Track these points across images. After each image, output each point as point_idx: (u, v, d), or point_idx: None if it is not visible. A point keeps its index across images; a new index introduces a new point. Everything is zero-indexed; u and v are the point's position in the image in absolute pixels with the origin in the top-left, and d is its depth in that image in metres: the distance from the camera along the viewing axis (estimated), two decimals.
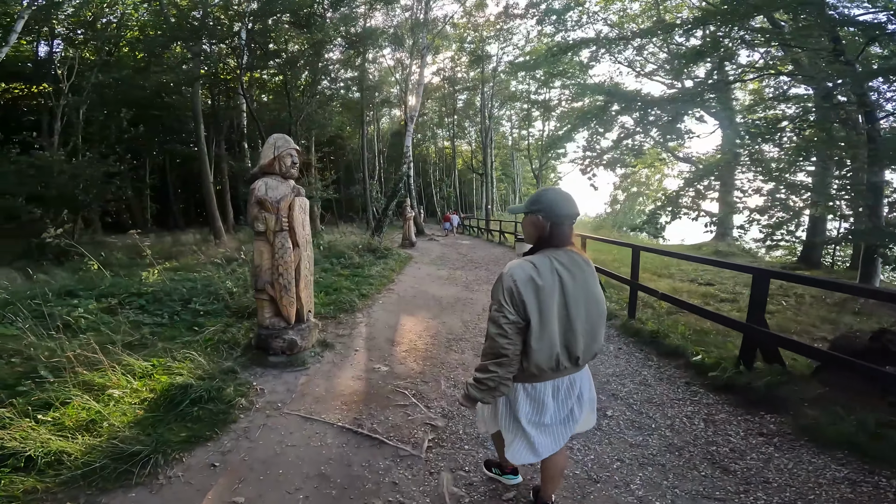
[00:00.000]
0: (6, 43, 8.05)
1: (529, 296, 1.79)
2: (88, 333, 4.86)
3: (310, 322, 4.74)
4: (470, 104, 34.77)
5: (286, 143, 4.48)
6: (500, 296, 1.84)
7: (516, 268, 1.85)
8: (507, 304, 1.81)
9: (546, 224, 1.90)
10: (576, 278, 1.87)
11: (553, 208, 1.90)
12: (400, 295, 7.98)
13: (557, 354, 1.86)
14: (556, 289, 1.82)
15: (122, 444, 2.72)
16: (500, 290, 1.85)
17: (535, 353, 1.83)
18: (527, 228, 2.00)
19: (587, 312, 1.90)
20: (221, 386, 3.64)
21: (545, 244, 1.92)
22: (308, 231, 4.69)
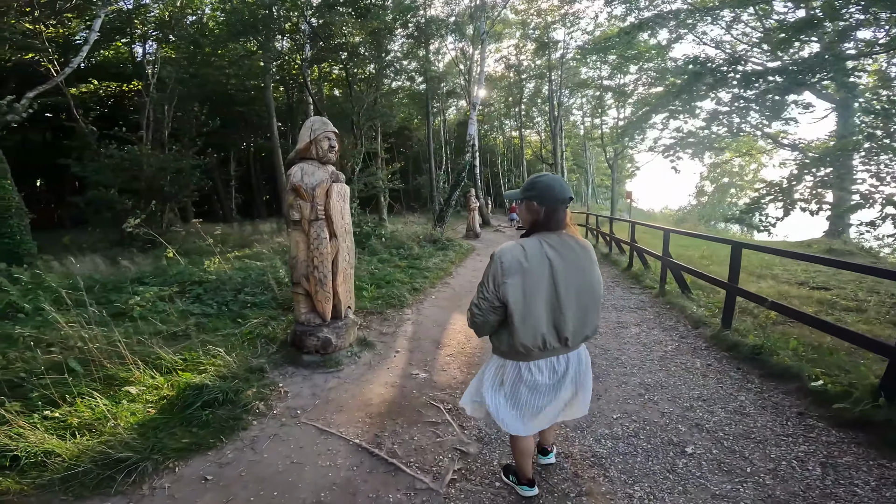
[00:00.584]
0: (87, 42, 8.68)
1: (513, 278, 1.87)
2: (139, 322, 4.94)
3: (348, 319, 4.40)
4: (537, 92, 33.26)
5: (323, 126, 4.12)
6: (486, 275, 1.95)
7: (506, 251, 1.92)
8: (487, 283, 1.93)
9: (541, 209, 1.95)
10: (566, 260, 1.91)
11: (547, 193, 1.94)
12: (455, 290, 7.49)
13: (543, 335, 1.93)
14: (544, 271, 1.88)
15: (111, 448, 2.52)
16: (488, 269, 1.95)
17: (518, 332, 1.92)
18: (522, 213, 2.04)
19: (578, 294, 1.93)
20: (240, 388, 3.39)
21: (539, 228, 1.97)
22: (348, 220, 4.32)
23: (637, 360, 4.35)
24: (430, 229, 14.27)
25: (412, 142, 30.37)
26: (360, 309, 5.70)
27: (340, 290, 4.26)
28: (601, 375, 3.98)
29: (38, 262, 8.03)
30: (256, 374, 3.77)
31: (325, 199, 4.06)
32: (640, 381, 3.86)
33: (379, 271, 8.24)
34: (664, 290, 6.81)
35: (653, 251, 8.23)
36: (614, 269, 9.43)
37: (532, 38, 27.21)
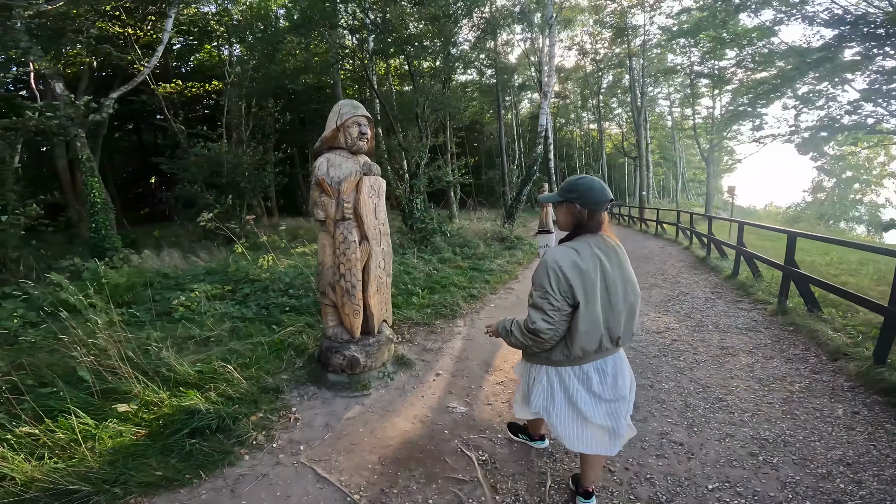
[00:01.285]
0: (161, 41, 9.06)
1: (576, 280, 1.82)
2: (177, 324, 4.77)
3: (381, 336, 3.79)
4: (617, 82, 30.73)
5: (352, 110, 3.54)
6: (546, 282, 1.84)
7: (559, 253, 1.86)
8: (553, 290, 1.83)
9: (584, 211, 1.91)
10: (612, 262, 1.91)
11: (589, 195, 1.90)
12: (519, 297, 6.65)
13: (601, 336, 1.90)
14: (597, 272, 1.86)
15: (68, 477, 2.18)
16: (544, 275, 1.85)
17: (581, 335, 1.87)
18: (562, 216, 2.00)
19: (624, 294, 1.93)
20: (240, 413, 2.93)
21: (582, 230, 1.94)
22: (383, 220, 3.72)
23: (749, 403, 3.29)
24: (499, 226, 13.45)
25: (484, 136, 29.58)
26: (406, 319, 5.11)
27: (373, 303, 3.67)
28: (695, 423, 3.02)
29: (118, 255, 8.50)
30: (269, 395, 3.31)
31: (354, 195, 3.49)
32: (753, 434, 2.86)
33: (437, 273, 7.65)
34: (784, 306, 5.43)
35: (765, 256, 6.76)
36: (714, 276, 7.98)
37: (607, 25, 25.06)
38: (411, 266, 7.84)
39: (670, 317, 5.53)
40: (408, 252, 9.32)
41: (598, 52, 27.79)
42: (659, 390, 3.54)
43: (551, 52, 14.70)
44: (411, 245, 10.69)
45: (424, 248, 10.12)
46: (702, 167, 32.61)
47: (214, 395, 3.13)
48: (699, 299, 6.35)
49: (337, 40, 11.89)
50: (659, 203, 34.08)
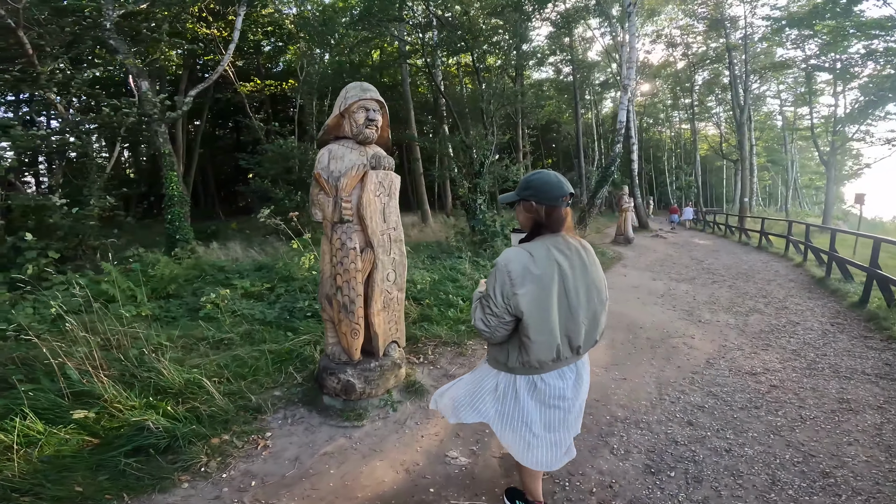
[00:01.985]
0: (232, 40, 9.35)
1: (525, 287, 1.68)
2: (200, 322, 4.61)
3: (387, 360, 3.22)
4: (715, 79, 27.50)
5: (360, 93, 3.02)
6: (491, 287, 1.74)
7: (512, 258, 1.72)
8: (494, 294, 1.72)
9: (540, 208, 1.77)
10: (574, 264, 1.77)
11: (545, 190, 1.76)
12: None
13: (558, 346, 1.77)
14: (554, 277, 1.72)
15: None
16: (492, 279, 1.74)
17: (535, 345, 1.75)
18: (521, 216, 1.87)
19: (587, 299, 1.80)
20: (197, 435, 2.58)
21: (541, 230, 1.79)
22: (394, 223, 3.16)
23: (867, 482, 2.34)
24: None
25: (561, 136, 28.10)
26: (433, 336, 4.51)
27: (377, 321, 3.12)
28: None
29: (187, 246, 8.89)
30: (247, 415, 2.91)
31: (357, 192, 2.96)
32: None
33: None
34: None
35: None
36: (834, 302, 6.42)
37: (699, 17, 22.37)
38: (460, 272, 7.24)
39: (771, 354, 4.38)
40: (463, 256, 8.73)
41: (689, 46, 25.11)
42: (738, 457, 2.65)
43: (631, 44, 13.31)
44: (468, 248, 10.10)
45: (483, 253, 9.47)
46: (819, 172, 28.24)
47: (183, 409, 2.78)
48: (813, 332, 5.05)
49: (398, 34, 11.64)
50: (764, 211, 30.11)
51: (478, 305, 1.81)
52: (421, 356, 4.08)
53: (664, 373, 3.98)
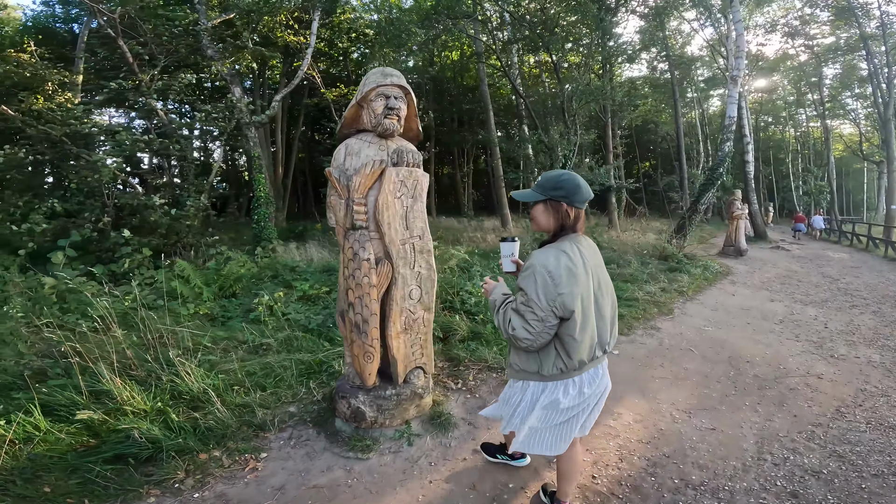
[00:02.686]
0: (309, 44, 9.62)
1: (570, 287, 1.66)
2: (243, 325, 4.58)
3: (405, 389, 2.79)
4: (850, 73, 23.05)
5: (380, 79, 2.63)
6: (531, 288, 1.68)
7: (549, 258, 1.69)
8: (538, 298, 1.67)
9: (570, 210, 1.79)
10: (595, 264, 1.81)
11: (577, 193, 1.77)
12: (663, 343, 4.83)
13: (595, 345, 1.80)
14: (588, 276, 1.74)
15: None
16: (531, 283, 1.69)
17: (579, 345, 1.74)
18: (543, 216, 1.83)
19: (607, 295, 1.84)
20: (185, 448, 2.45)
21: (567, 231, 1.81)
22: (419, 230, 2.72)
23: None
24: (665, 241, 10.95)
25: (659, 137, 25.60)
26: (478, 360, 3.99)
27: (396, 344, 2.71)
28: None
29: (269, 246, 9.33)
30: (248, 431, 2.70)
31: (375, 194, 2.58)
32: None
33: None
34: None
35: None
36: None
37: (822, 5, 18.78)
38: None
39: None
40: None
41: (812, 36, 21.38)
42: None
43: (738, 30, 11.50)
44: None
45: None
46: None
47: (185, 418, 2.64)
48: None
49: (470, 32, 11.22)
50: None
51: (513, 314, 1.73)
52: (459, 381, 3.59)
53: (771, 423, 3.08)
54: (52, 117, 7.35)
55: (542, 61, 13.65)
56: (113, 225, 7.33)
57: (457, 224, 18.00)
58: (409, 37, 10.65)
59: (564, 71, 11.21)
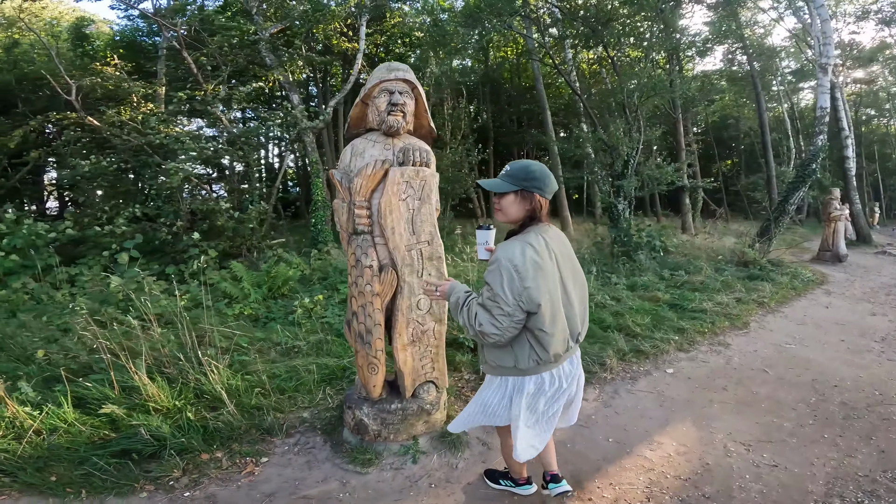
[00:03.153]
0: (359, 49, 9.75)
1: (535, 279, 1.64)
2: (281, 326, 4.67)
3: (412, 403, 2.64)
4: None
5: (382, 73, 2.51)
6: (497, 283, 1.65)
7: (515, 252, 1.65)
8: (504, 293, 1.63)
9: (542, 200, 1.78)
10: (563, 253, 1.81)
11: (549, 183, 1.77)
12: (731, 361, 4.23)
13: (567, 336, 1.79)
14: (555, 267, 1.74)
15: None
16: (497, 278, 1.65)
17: (551, 338, 1.71)
18: (514, 206, 1.78)
19: (577, 285, 1.84)
20: (189, 448, 2.49)
21: (536, 222, 1.78)
22: (428, 235, 2.54)
23: None
24: (745, 245, 9.81)
25: (741, 134, 23.24)
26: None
27: (404, 357, 2.56)
28: None
29: (325, 248, 9.62)
30: (255, 434, 2.69)
31: (379, 196, 2.45)
32: None
33: (614, 304, 5.77)
34: None
35: None
36: None
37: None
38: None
39: None
40: (594, 270, 7.58)
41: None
42: None
43: (821, 15, 10.06)
44: (604, 261, 8.79)
45: (619, 267, 8.11)
46: None
47: (196, 417, 2.71)
48: None
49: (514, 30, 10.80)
50: None
51: (479, 309, 1.69)
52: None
53: (851, 460, 2.56)
54: (133, 128, 8.10)
55: (601, 57, 12.95)
56: (187, 228, 7.90)
57: None
58: (453, 37, 10.52)
59: (623, 66, 10.48)
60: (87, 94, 9.29)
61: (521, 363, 1.77)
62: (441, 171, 12.56)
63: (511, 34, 11.54)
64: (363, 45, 9.90)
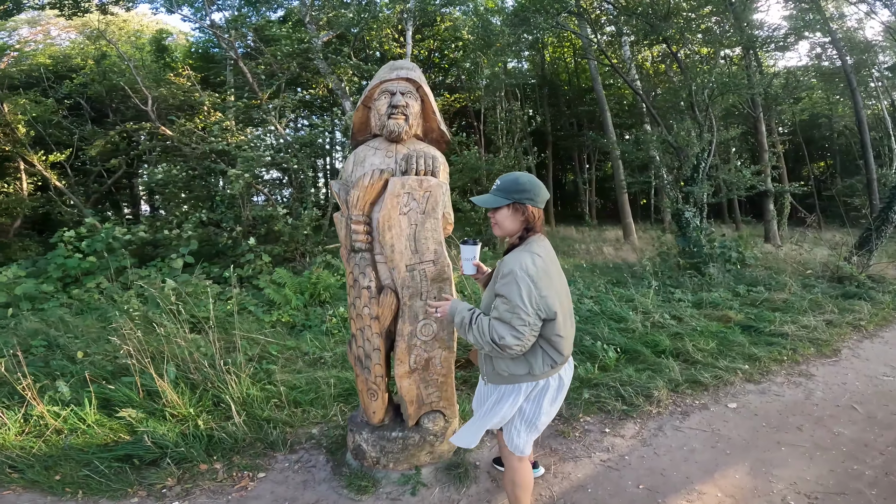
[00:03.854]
0: (405, 55, 9.68)
1: (550, 289, 1.72)
2: (312, 335, 4.65)
3: (414, 433, 2.42)
4: None
5: (384, 73, 2.36)
6: (515, 294, 1.68)
7: (527, 262, 1.72)
8: (524, 304, 1.67)
9: (535, 211, 1.84)
10: (554, 259, 1.89)
11: (540, 193, 1.82)
12: (812, 395, 3.56)
13: (573, 335, 1.89)
14: (559, 273, 1.84)
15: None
16: (515, 289, 1.68)
17: (565, 341, 1.80)
18: (509, 220, 1.84)
19: (565, 288, 1.90)
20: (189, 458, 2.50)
21: (531, 232, 1.86)
22: (433, 253, 2.29)
23: None
24: (840, 257, 8.53)
25: (834, 132, 20.53)
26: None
27: (405, 384, 2.36)
28: None
29: None
30: (258, 448, 2.64)
31: (380, 209, 2.26)
32: None
33: (674, 324, 5.17)
34: None
35: None
36: None
37: None
38: (634, 306, 5.64)
39: None
40: (657, 283, 6.97)
41: None
42: None
43: None
44: (669, 273, 8.07)
45: (684, 281, 7.39)
46: None
47: (208, 426, 2.71)
48: None
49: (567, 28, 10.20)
50: None
51: (496, 324, 1.70)
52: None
53: None
54: (198, 136, 8.66)
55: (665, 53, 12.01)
56: (245, 233, 8.30)
57: (575, 234, 16.77)
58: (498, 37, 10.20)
59: (689, 63, 9.58)
60: (162, 104, 10.07)
61: (535, 369, 1.80)
62: (493, 178, 12.32)
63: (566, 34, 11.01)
64: (410, 50, 9.91)
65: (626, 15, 9.06)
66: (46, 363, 3.67)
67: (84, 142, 11.49)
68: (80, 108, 12.69)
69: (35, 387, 2.82)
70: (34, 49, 15.09)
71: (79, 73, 12.76)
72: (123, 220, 10.44)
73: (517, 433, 1.90)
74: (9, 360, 2.87)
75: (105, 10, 9.90)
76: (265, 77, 9.41)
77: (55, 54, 15.16)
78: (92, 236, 7.00)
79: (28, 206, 11.14)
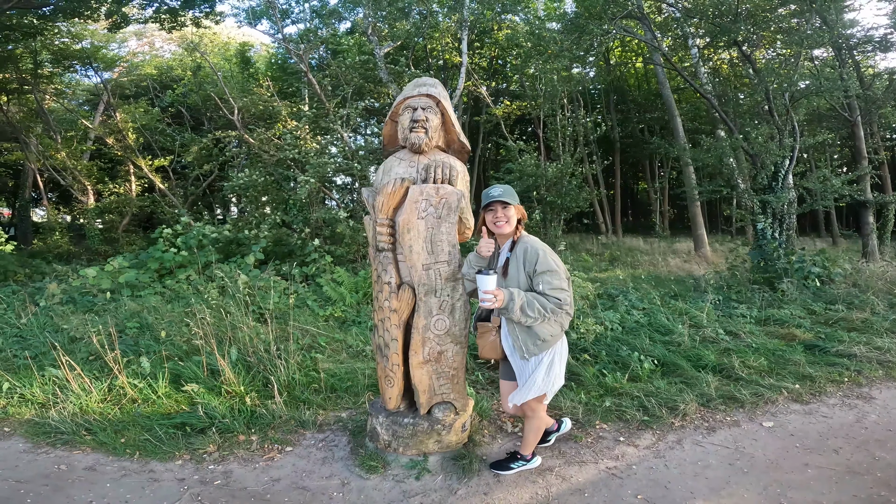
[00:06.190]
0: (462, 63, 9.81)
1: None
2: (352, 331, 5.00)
3: (423, 422, 2.62)
4: None
5: (409, 90, 2.63)
6: (554, 265, 2.22)
7: (546, 248, 2.29)
8: (561, 269, 2.23)
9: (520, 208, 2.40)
10: None
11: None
12: (864, 419, 3.26)
13: None
14: None
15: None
16: (551, 261, 2.22)
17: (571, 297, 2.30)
18: (513, 217, 2.34)
19: None
20: (232, 429, 2.90)
21: (520, 224, 2.40)
22: (446, 255, 2.51)
23: None
24: None
25: None
26: (552, 407, 3.40)
27: (419, 374, 2.58)
28: None
29: None
30: (290, 424, 3.00)
31: (402, 214, 2.51)
32: None
33: (728, 340, 4.90)
34: None
35: None
36: None
37: None
38: (687, 319, 5.42)
39: None
40: (717, 297, 6.63)
41: None
42: None
43: None
44: (737, 288, 7.57)
45: (751, 297, 6.90)
46: None
47: (249, 401, 3.14)
48: None
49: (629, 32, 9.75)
50: None
51: (559, 292, 2.20)
52: (520, 425, 3.15)
53: None
54: (274, 144, 9.52)
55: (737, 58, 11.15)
56: (314, 235, 9.01)
57: (642, 244, 16.04)
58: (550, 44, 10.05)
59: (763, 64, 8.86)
60: (246, 113, 11.14)
61: (565, 325, 2.31)
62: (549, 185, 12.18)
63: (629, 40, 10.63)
64: (465, 58, 10.15)
65: (691, 17, 8.63)
66: (136, 342, 4.34)
67: (183, 148, 13.02)
68: (181, 116, 14.31)
69: (122, 360, 3.40)
70: (142, 60, 17.14)
71: (179, 83, 14.39)
72: (214, 220, 11.69)
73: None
74: (103, 338, 3.45)
75: (198, 24, 11.12)
76: (332, 88, 10.12)
77: (160, 65, 17.12)
78: (185, 234, 7.99)
79: (136, 205, 12.82)
